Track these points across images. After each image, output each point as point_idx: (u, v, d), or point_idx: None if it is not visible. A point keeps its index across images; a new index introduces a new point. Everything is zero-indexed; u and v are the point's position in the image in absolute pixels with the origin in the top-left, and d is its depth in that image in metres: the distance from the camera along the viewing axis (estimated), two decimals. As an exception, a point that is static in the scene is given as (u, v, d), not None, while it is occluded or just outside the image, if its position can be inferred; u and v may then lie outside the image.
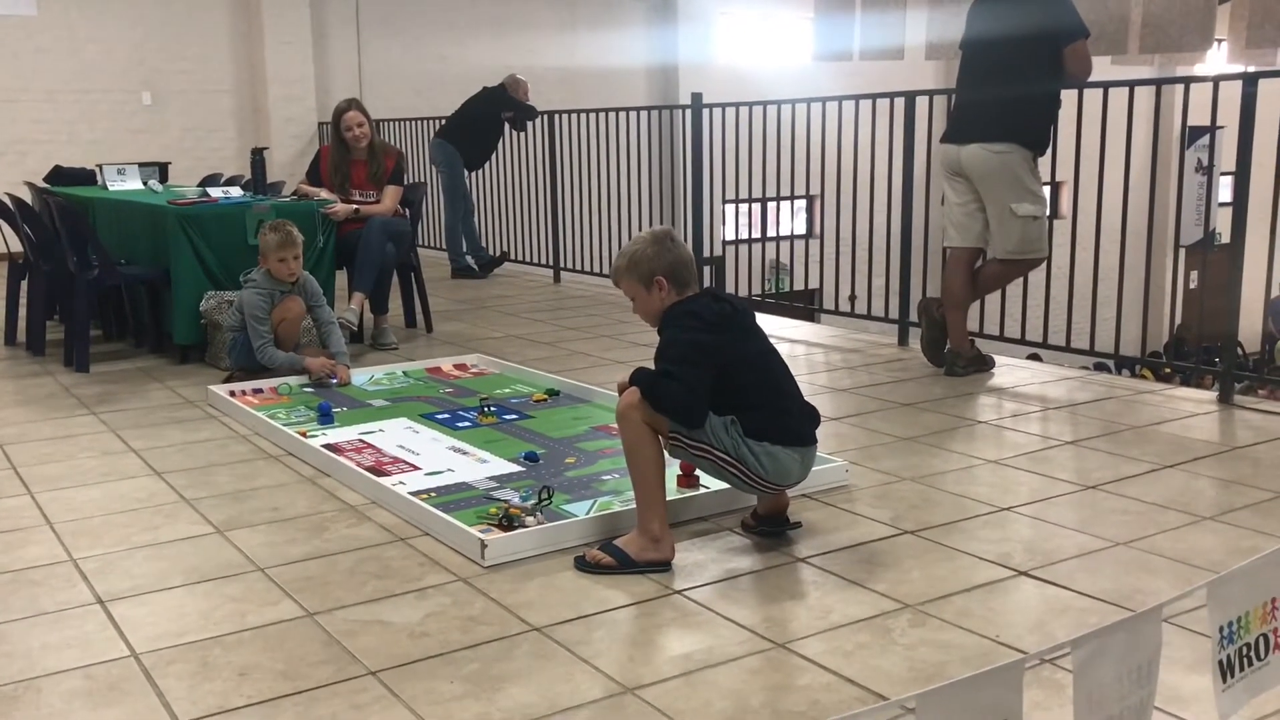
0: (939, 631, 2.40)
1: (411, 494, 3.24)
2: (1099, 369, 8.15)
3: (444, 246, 8.78)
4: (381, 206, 5.99)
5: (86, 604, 2.63)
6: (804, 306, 7.01)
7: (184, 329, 5.33)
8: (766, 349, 2.92)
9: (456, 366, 5.19)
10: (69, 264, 5.43)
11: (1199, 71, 7.10)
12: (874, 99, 5.95)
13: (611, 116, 7.98)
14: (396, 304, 6.20)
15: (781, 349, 3.03)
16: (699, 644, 2.36)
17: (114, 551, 2.96)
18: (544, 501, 3.13)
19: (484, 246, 8.90)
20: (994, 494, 3.31)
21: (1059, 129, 4.93)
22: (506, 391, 4.67)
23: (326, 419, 4.21)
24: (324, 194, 5.94)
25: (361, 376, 4.94)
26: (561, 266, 8.48)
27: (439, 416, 4.26)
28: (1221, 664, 1.42)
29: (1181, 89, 4.69)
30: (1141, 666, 1.31)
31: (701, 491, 3.20)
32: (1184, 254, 9.63)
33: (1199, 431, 3.99)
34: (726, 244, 9.20)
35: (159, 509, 3.30)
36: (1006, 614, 2.49)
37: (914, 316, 5.45)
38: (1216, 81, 4.59)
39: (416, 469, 3.57)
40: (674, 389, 2.72)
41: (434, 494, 3.29)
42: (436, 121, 9.03)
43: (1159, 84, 4.97)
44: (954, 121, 5.00)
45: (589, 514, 3.07)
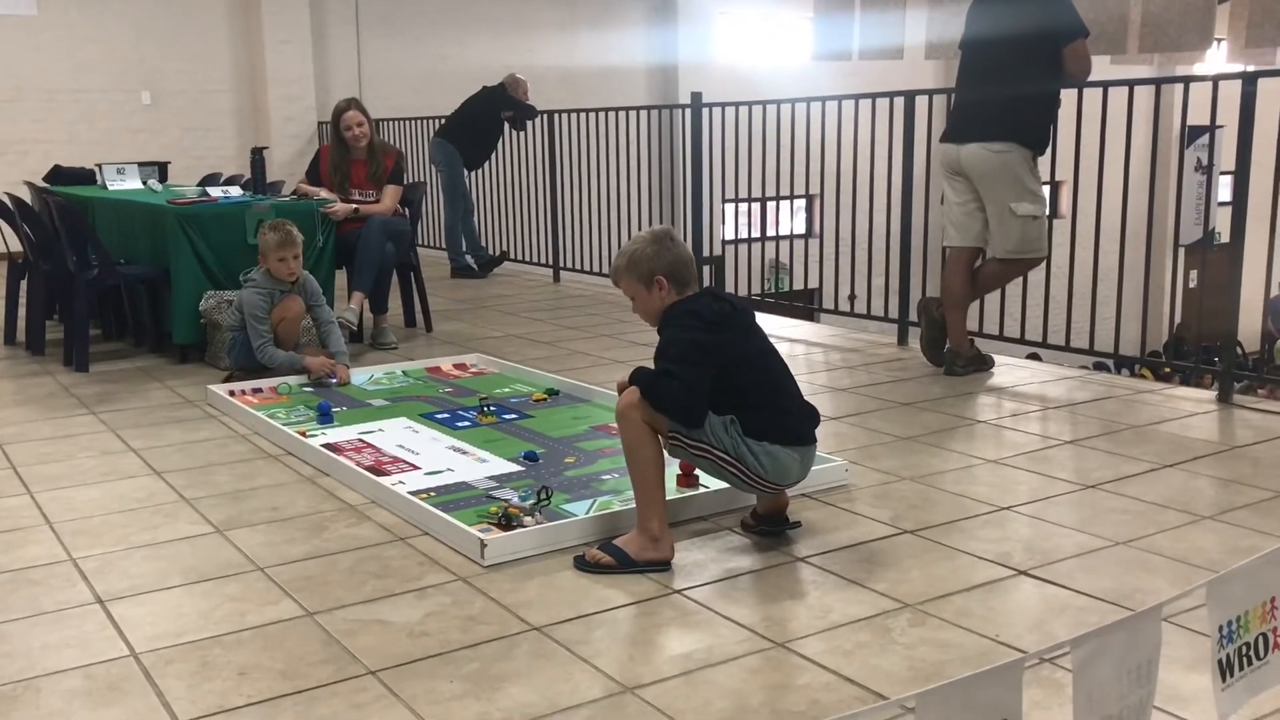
0: (938, 631, 2.40)
1: (411, 493, 3.24)
2: (1098, 368, 8.15)
3: (443, 246, 8.78)
4: (381, 206, 5.99)
5: (86, 604, 2.63)
6: (803, 306, 7.01)
7: (183, 328, 5.33)
8: (766, 348, 2.92)
9: (456, 366, 5.19)
10: (68, 263, 5.43)
11: (1198, 71, 7.09)
12: (873, 98, 5.95)
13: (611, 116, 7.98)
14: (396, 303, 6.20)
15: (781, 348, 3.03)
16: (699, 643, 2.36)
17: (113, 551, 2.96)
18: (542, 501, 3.14)
19: (483, 246, 8.89)
20: (993, 493, 3.31)
21: (1058, 128, 4.93)
22: (506, 391, 4.67)
23: (326, 418, 4.21)
24: (323, 193, 5.94)
25: (361, 376, 4.94)
26: (561, 266, 8.47)
27: (438, 416, 4.26)
28: (1221, 663, 1.42)
29: (1181, 88, 4.69)
30: (1141, 666, 1.31)
31: (701, 491, 3.20)
32: (1183, 253, 9.62)
33: (1198, 431, 3.99)
34: (726, 243, 9.20)
35: (158, 508, 3.30)
36: (1006, 613, 2.49)
37: (913, 316, 5.44)
38: (1216, 81, 4.59)
39: (416, 468, 3.57)
40: (674, 388, 2.72)
41: (433, 493, 3.29)
42: (436, 121, 9.03)
43: (1158, 83, 4.98)
44: (953, 121, 5.00)
45: (588, 513, 3.07)
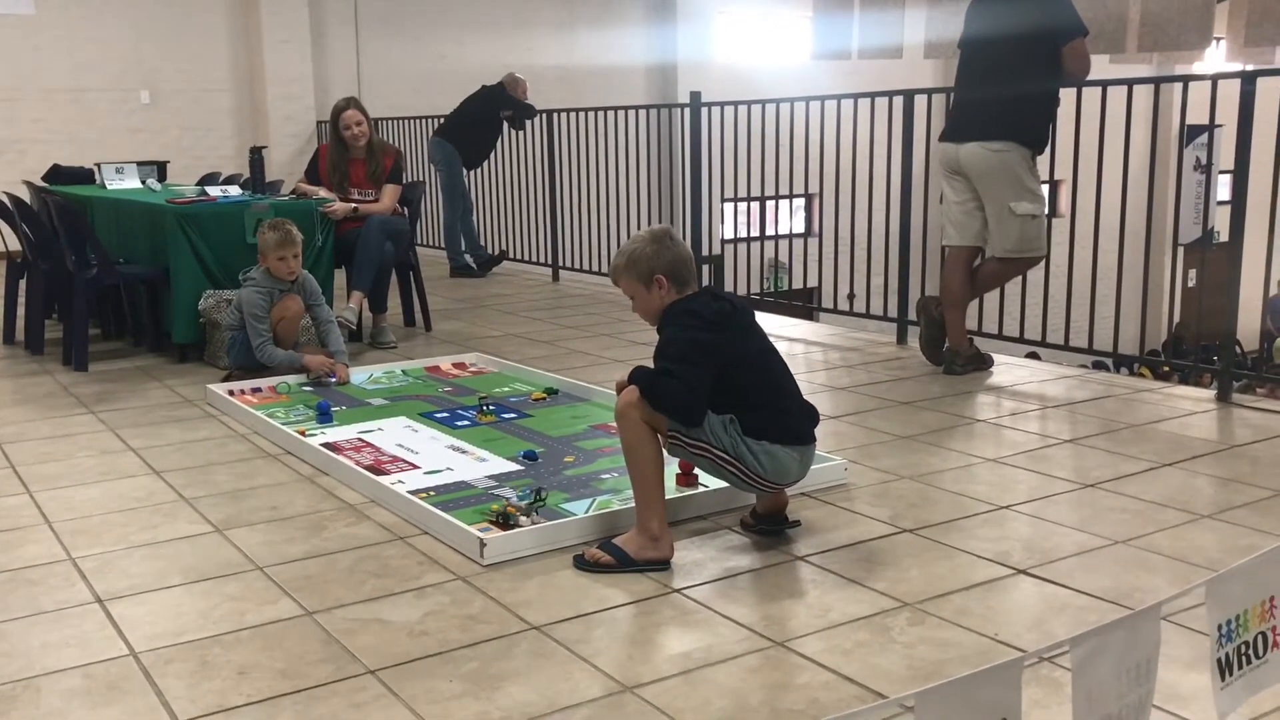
0: (938, 630, 2.40)
1: (410, 493, 3.24)
2: (1097, 367, 8.16)
3: (443, 245, 8.78)
4: (380, 205, 5.99)
5: (85, 603, 2.63)
6: (802, 305, 7.00)
7: (183, 328, 5.33)
8: (766, 348, 2.92)
9: (455, 365, 5.19)
10: (67, 263, 5.43)
11: (1197, 70, 7.10)
12: (872, 98, 5.95)
13: (610, 115, 7.98)
14: (395, 303, 6.20)
15: (780, 348, 3.03)
16: (698, 642, 2.36)
17: (113, 550, 2.96)
18: (537, 503, 3.11)
19: (482, 245, 8.89)
20: (993, 492, 3.31)
21: (1058, 127, 4.93)
22: (505, 390, 4.67)
23: (325, 418, 4.20)
24: (322, 193, 5.94)
25: (360, 375, 4.94)
26: (560, 265, 8.47)
27: (438, 415, 4.26)
28: (1220, 662, 1.42)
29: (1180, 87, 4.70)
30: (1140, 665, 1.31)
31: (700, 490, 3.20)
32: (1182, 252, 9.64)
33: (1197, 430, 3.99)
34: (725, 242, 9.21)
35: (158, 508, 3.30)
36: (1005, 612, 2.49)
37: (913, 315, 5.44)
38: (1215, 80, 4.59)
39: (415, 468, 3.57)
40: (673, 387, 2.72)
41: (433, 493, 3.29)
42: (435, 120, 9.03)
43: (1157, 82, 4.98)
44: (952, 120, 4.99)
45: (588, 513, 3.07)
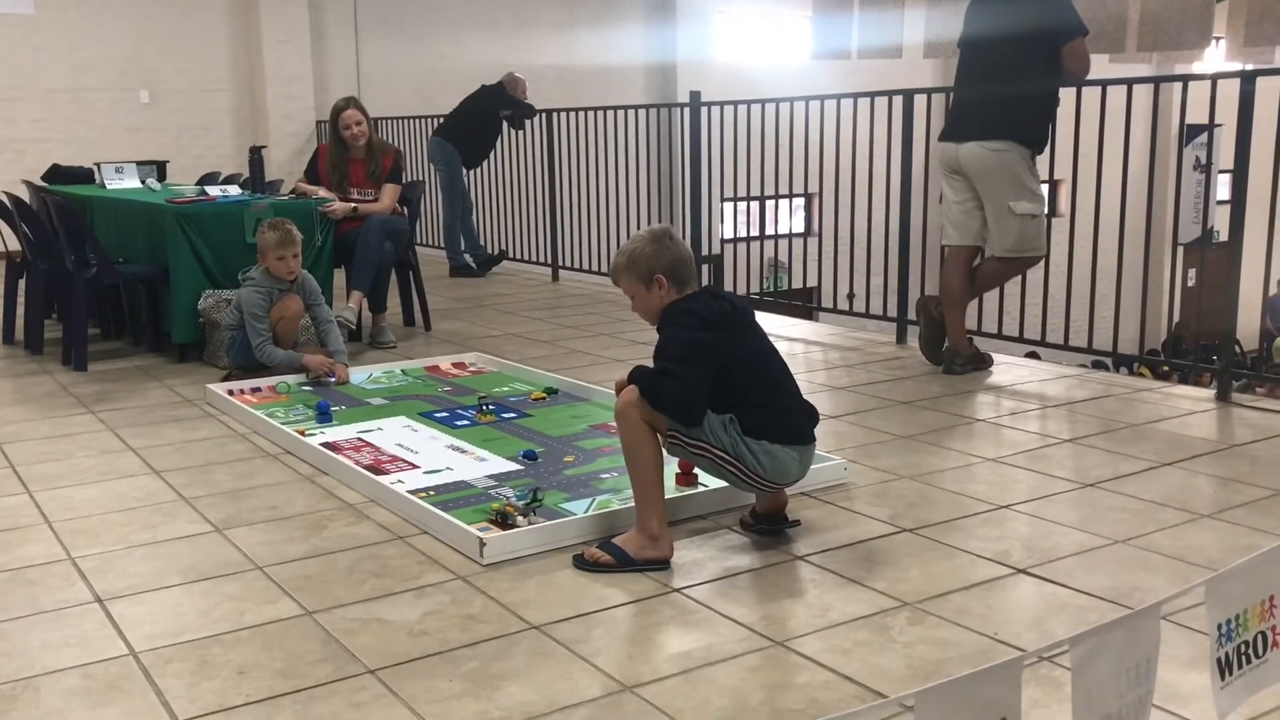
0: (937, 629, 2.40)
1: (410, 492, 3.24)
2: (1097, 367, 8.16)
3: (442, 245, 8.78)
4: (380, 205, 5.99)
5: (85, 603, 2.63)
6: (802, 305, 7.00)
7: (182, 327, 5.33)
8: (766, 347, 2.92)
9: (455, 365, 5.19)
10: (67, 262, 5.42)
11: (1197, 69, 7.09)
12: (872, 97, 5.95)
13: (610, 115, 7.98)
14: (395, 302, 6.20)
15: (780, 347, 3.03)
16: (698, 642, 2.36)
17: (112, 550, 2.96)
18: (534, 503, 3.10)
19: (482, 245, 8.90)
20: (992, 492, 3.31)
21: (1057, 127, 4.93)
22: (505, 390, 4.67)
23: (325, 417, 4.20)
24: (322, 192, 5.94)
25: (360, 375, 4.94)
26: (560, 265, 8.47)
27: (437, 415, 4.26)
28: (1220, 661, 1.42)
29: (1180, 87, 4.70)
30: (1140, 664, 1.31)
31: (700, 490, 3.20)
32: (1182, 252, 9.63)
33: (1197, 429, 3.99)
34: (725, 242, 9.21)
35: (157, 508, 3.30)
36: (1005, 612, 2.49)
37: (912, 315, 5.44)
38: (1215, 79, 4.60)
39: (415, 467, 3.57)
40: (673, 387, 2.72)
41: (432, 492, 3.29)
42: (435, 120, 9.03)
43: (1157, 82, 4.97)
44: (952, 120, 4.99)
45: (587, 512, 3.07)
